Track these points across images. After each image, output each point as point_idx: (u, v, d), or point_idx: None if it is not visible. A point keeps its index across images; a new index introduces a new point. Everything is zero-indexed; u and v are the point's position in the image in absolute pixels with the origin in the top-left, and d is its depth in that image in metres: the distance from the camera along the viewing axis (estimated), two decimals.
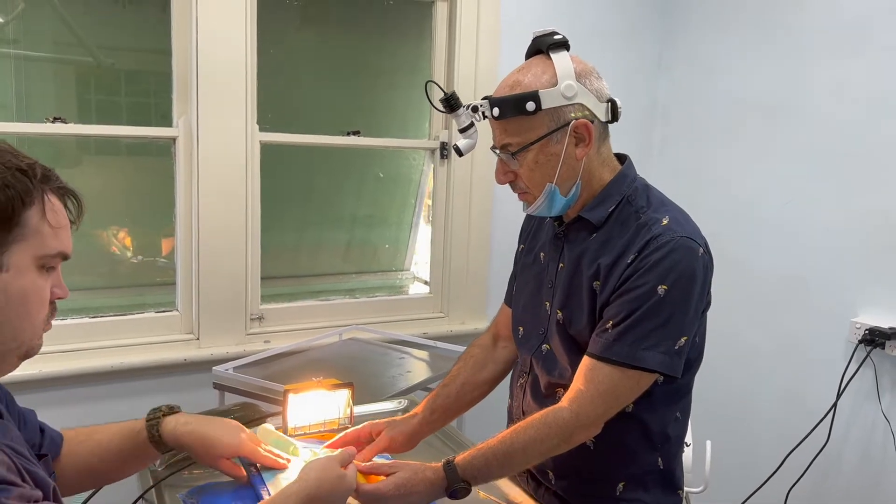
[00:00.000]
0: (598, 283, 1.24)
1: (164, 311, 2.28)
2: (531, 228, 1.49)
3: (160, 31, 2.19)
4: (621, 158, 1.33)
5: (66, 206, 0.89)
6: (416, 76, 2.76)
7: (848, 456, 2.30)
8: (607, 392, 1.19)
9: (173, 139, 2.20)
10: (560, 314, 1.31)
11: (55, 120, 2.06)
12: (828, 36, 2.34)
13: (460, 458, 1.21)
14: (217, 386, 1.98)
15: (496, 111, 1.22)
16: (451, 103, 1.28)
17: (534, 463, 1.30)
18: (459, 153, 1.30)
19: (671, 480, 1.36)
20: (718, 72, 2.72)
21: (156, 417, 1.15)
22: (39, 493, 0.80)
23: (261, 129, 2.29)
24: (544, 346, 1.37)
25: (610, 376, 1.19)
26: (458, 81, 2.55)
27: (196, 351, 2.23)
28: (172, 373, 2.21)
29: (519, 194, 1.30)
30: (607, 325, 1.20)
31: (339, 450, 1.18)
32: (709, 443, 1.96)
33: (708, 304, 1.29)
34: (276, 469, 1.22)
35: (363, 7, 2.66)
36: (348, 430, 1.40)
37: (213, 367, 2.01)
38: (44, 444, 1.08)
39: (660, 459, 1.33)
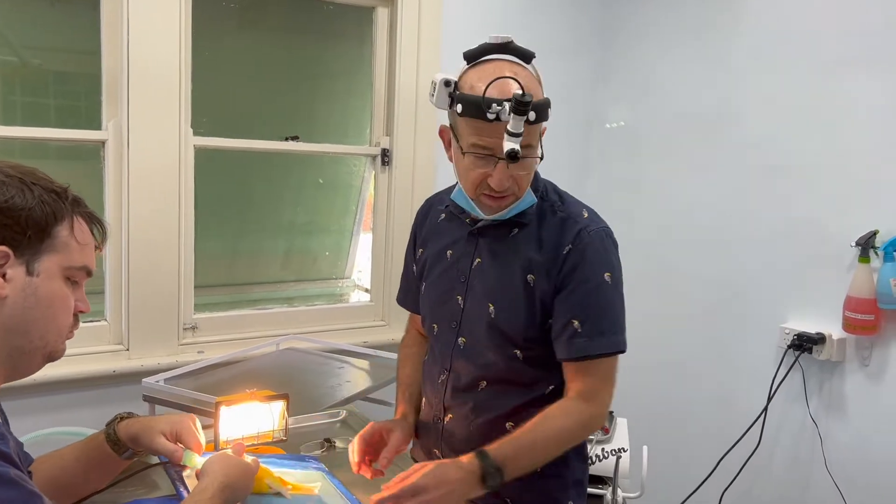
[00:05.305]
0: (532, 276, 1.31)
1: (91, 321, 2.19)
2: (426, 230, 1.53)
3: (90, 32, 2.12)
4: None
5: (92, 230, 1.02)
6: (356, 82, 2.73)
7: (778, 458, 2.37)
8: (606, 380, 1.31)
9: (102, 143, 2.13)
10: (492, 308, 1.35)
11: None
12: (760, 52, 2.41)
13: (490, 447, 1.22)
14: (147, 398, 1.91)
15: (532, 115, 1.18)
16: (524, 106, 1.13)
17: (554, 455, 1.31)
18: (517, 158, 1.18)
19: (582, 452, 1.46)
20: (655, 86, 2.78)
21: (114, 420, 1.22)
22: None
23: (195, 133, 2.24)
24: (460, 340, 1.40)
25: (604, 367, 1.30)
26: (399, 88, 2.53)
27: (126, 362, 2.16)
28: (100, 385, 2.13)
29: (500, 198, 1.28)
30: (574, 325, 1.27)
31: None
32: (645, 448, 1.99)
33: None
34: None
35: (302, 11, 2.62)
36: (362, 435, 1.37)
37: (143, 379, 1.94)
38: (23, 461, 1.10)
39: None
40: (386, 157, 2.60)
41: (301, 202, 2.89)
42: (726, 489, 2.41)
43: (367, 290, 2.77)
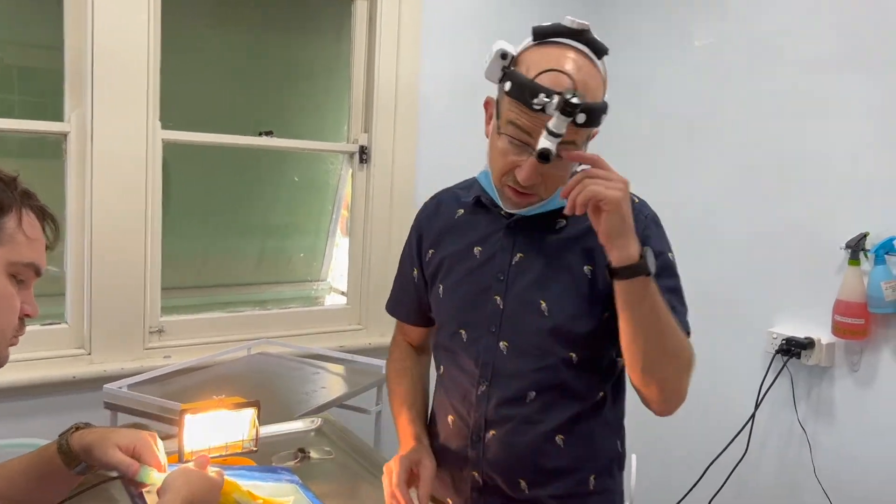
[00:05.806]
0: (590, 266, 1.25)
1: (51, 324, 2.09)
2: (438, 229, 1.39)
3: (55, 26, 2.03)
4: None
5: (43, 226, 0.96)
6: (333, 77, 2.66)
7: (766, 465, 2.33)
8: None
9: (64, 135, 2.03)
10: (544, 305, 1.24)
11: None
12: (743, 52, 2.39)
13: None
14: (109, 406, 1.82)
15: (582, 117, 1.10)
16: (572, 108, 1.07)
17: (667, 344, 1.22)
18: (549, 159, 1.10)
19: (621, 462, 1.39)
20: (639, 87, 2.74)
21: (69, 430, 1.12)
22: None
23: (164, 127, 2.14)
24: (502, 344, 1.27)
25: None
26: (378, 83, 2.46)
27: (87, 367, 2.06)
28: (60, 391, 2.03)
29: (524, 195, 1.21)
30: None
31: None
32: (634, 457, 1.92)
33: None
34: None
35: (278, 3, 2.54)
36: (397, 474, 1.25)
37: (105, 385, 1.84)
38: None
39: (618, 443, 1.36)
40: (364, 154, 2.52)
41: (276, 201, 2.81)
42: (713, 497, 2.36)
43: (343, 293, 2.68)
